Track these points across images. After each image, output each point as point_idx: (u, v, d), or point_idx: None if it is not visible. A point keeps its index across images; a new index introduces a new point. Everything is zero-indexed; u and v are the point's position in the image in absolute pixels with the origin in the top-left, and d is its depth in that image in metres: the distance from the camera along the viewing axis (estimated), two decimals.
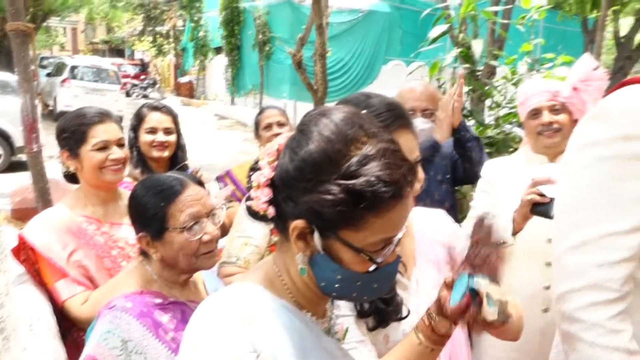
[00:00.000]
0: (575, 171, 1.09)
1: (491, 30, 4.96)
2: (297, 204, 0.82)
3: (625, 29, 15.99)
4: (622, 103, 1.05)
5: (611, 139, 1.02)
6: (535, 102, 1.90)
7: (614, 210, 1.01)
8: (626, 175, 1.00)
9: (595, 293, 1.02)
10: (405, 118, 1.15)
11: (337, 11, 12.87)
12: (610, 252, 1.01)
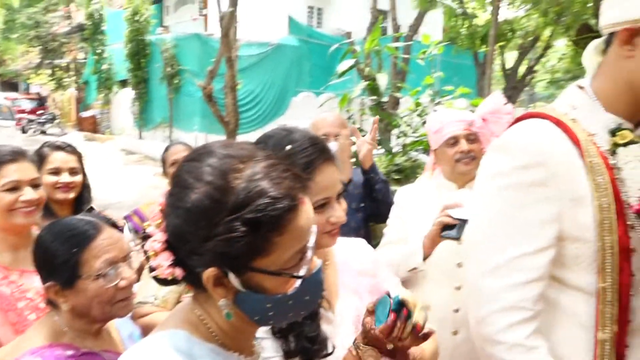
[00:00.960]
0: (484, 201, 1.17)
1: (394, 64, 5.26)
2: (201, 254, 0.79)
3: (510, 62, 17.55)
4: (519, 136, 1.15)
5: (512, 169, 1.11)
6: (452, 130, 2.01)
7: (520, 234, 1.09)
8: (528, 201, 1.09)
9: (512, 314, 1.08)
10: (329, 152, 1.18)
11: (246, 44, 12.98)
12: (521, 273, 1.08)
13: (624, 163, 1.08)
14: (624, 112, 1.11)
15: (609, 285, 1.05)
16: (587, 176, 1.07)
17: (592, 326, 1.07)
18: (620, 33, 1.06)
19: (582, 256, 1.09)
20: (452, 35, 15.32)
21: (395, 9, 9.06)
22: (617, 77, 1.10)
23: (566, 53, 18.03)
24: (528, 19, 14.57)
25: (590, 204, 1.06)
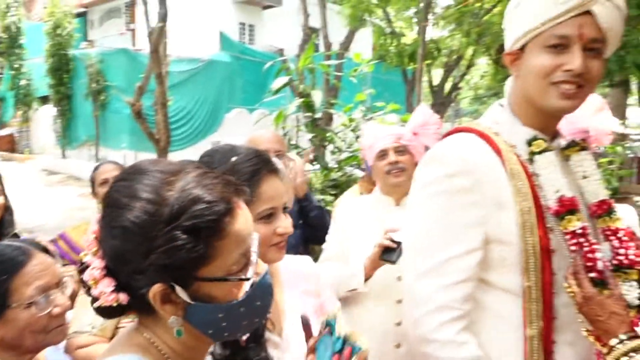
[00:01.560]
0: (417, 208, 1.24)
1: (326, 81, 5.34)
2: (144, 272, 0.78)
3: (437, 79, 18.33)
4: (447, 148, 1.24)
5: (441, 177, 1.19)
6: (381, 144, 2.07)
7: (449, 238, 1.16)
8: (456, 207, 1.17)
9: (443, 314, 1.14)
10: (274, 165, 1.19)
11: (177, 60, 12.75)
12: (450, 275, 1.15)
13: (541, 169, 1.18)
14: (538, 125, 1.23)
15: (533, 283, 1.13)
16: (509, 183, 1.16)
17: (520, 324, 1.15)
18: (505, 60, 1.23)
19: (508, 258, 1.16)
20: (381, 53, 15.80)
21: (327, 27, 9.24)
22: (518, 93, 1.24)
23: (487, 71, 19.11)
24: (452, 38, 15.31)
25: (513, 208, 1.15)
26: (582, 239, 1.11)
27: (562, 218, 1.14)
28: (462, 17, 12.72)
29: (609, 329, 1.05)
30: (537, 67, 1.16)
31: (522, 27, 1.16)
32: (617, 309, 1.06)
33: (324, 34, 9.24)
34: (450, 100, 18.42)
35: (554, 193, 1.15)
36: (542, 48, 1.14)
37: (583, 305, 1.08)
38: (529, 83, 1.18)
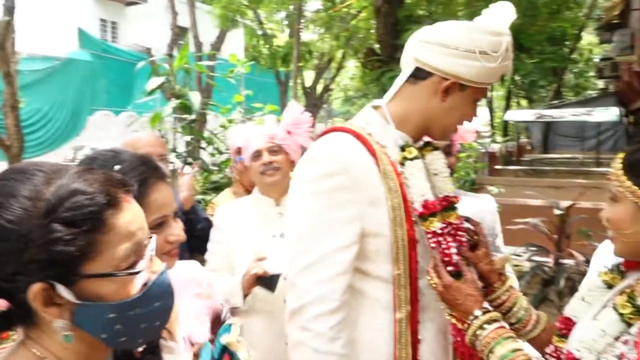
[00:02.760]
0: (297, 205, 1.28)
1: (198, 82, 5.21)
2: (24, 272, 0.72)
3: (309, 81, 18.82)
4: (325, 148, 1.30)
5: (320, 176, 1.24)
6: (256, 145, 2.06)
7: (328, 233, 1.22)
8: (334, 204, 1.23)
9: (321, 305, 1.20)
10: (162, 171, 1.13)
11: (28, 58, 11.57)
12: (329, 268, 1.21)
13: (410, 174, 1.28)
14: (410, 132, 1.32)
15: (402, 271, 1.25)
16: (382, 181, 1.24)
17: (391, 308, 1.25)
18: (443, 81, 1.26)
19: (381, 249, 1.26)
20: (254, 54, 15.82)
21: (196, 26, 9.02)
22: (419, 107, 1.30)
23: (356, 73, 20.02)
24: (322, 41, 15.81)
25: (385, 205, 1.24)
26: (441, 238, 1.25)
27: (425, 219, 1.26)
28: (331, 21, 13.21)
29: (467, 309, 1.18)
30: (465, 113, 1.32)
31: (473, 75, 1.25)
32: (471, 291, 1.20)
33: (194, 34, 9.00)
34: (322, 101, 19.02)
35: (420, 196, 1.26)
36: (474, 101, 1.31)
37: (444, 293, 1.22)
38: (448, 116, 1.30)
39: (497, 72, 1.26)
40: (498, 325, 1.15)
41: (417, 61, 1.28)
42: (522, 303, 1.29)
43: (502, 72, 1.27)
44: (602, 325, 1.04)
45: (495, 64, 1.23)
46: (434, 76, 1.27)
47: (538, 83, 22.85)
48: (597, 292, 1.16)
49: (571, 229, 3.73)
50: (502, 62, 1.24)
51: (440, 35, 1.25)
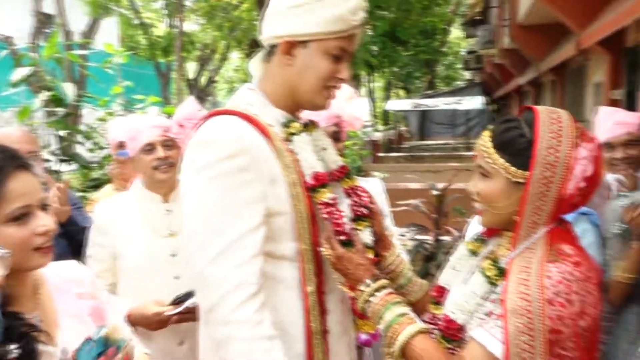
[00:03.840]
0: (195, 195, 1.24)
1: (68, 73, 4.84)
2: None
3: (192, 72, 18.26)
4: (218, 131, 1.27)
5: (218, 160, 1.22)
6: (147, 137, 1.93)
7: (236, 216, 1.21)
8: (236, 186, 1.22)
9: (240, 292, 1.18)
10: (23, 159, 1.06)
11: None
12: (242, 252, 1.20)
13: (300, 149, 1.31)
14: (287, 108, 1.33)
15: (307, 246, 1.28)
16: (277, 159, 1.25)
17: (300, 285, 1.28)
18: (282, 45, 1.28)
19: (284, 227, 1.26)
20: (131, 45, 14.98)
21: (64, 14, 8.34)
22: (280, 81, 1.31)
23: (240, 65, 19.79)
24: (205, 32, 15.40)
25: (283, 182, 1.25)
26: (332, 208, 1.27)
27: (316, 191, 1.29)
28: (212, 11, 12.91)
29: (358, 277, 1.23)
30: (321, 70, 1.28)
31: (309, 26, 1.25)
32: (362, 260, 1.24)
33: (62, 22, 8.32)
34: (206, 93, 18.55)
35: (310, 169, 1.28)
36: (325, 53, 1.26)
37: (336, 263, 1.26)
38: (304, 78, 1.29)
39: (335, 18, 1.24)
40: (387, 292, 1.21)
41: (264, 41, 1.33)
42: (407, 270, 1.39)
43: (344, 17, 1.25)
44: (472, 287, 1.13)
45: (329, 9, 1.23)
46: (277, 46, 1.29)
47: (414, 74, 24.23)
48: (465, 260, 1.27)
49: (447, 208, 4.06)
50: (338, 6, 1.23)
51: (272, 5, 1.31)
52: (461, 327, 1.12)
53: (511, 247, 1.12)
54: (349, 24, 1.26)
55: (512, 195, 1.10)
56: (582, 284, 1.02)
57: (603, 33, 5.78)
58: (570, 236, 1.12)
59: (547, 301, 0.99)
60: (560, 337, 0.99)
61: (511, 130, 1.12)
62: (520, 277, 1.04)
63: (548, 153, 1.06)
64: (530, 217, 1.08)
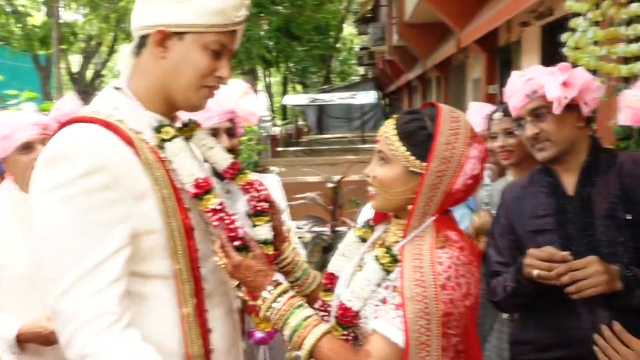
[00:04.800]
0: (46, 218, 1.09)
1: None
2: None
3: (77, 66, 17.06)
4: (73, 144, 1.11)
5: (72, 178, 1.07)
6: (26, 135, 1.77)
7: (94, 241, 1.07)
8: (95, 207, 1.07)
9: (100, 321, 1.05)
10: None
11: None
12: (100, 279, 1.06)
13: (174, 156, 1.17)
14: (161, 110, 1.20)
15: (183, 265, 1.15)
16: (146, 172, 1.12)
17: (176, 305, 1.16)
18: (154, 35, 1.14)
19: (157, 246, 1.14)
20: (4, 34, 13.63)
21: None
22: (153, 77, 1.18)
23: None
24: (90, 23, 14.41)
25: (153, 197, 1.12)
26: (222, 213, 1.19)
27: (200, 199, 1.18)
28: (97, 1, 12.12)
29: (258, 285, 1.18)
30: (198, 65, 1.17)
31: (186, 16, 1.14)
32: (261, 266, 1.19)
33: None
34: (93, 88, 17.41)
35: (190, 177, 1.18)
36: (203, 48, 1.16)
37: (234, 272, 1.19)
38: (179, 74, 1.17)
39: (216, 11, 1.14)
40: (289, 296, 1.17)
41: (135, 31, 1.20)
42: (302, 262, 1.40)
43: (225, 10, 1.16)
44: (367, 275, 1.16)
45: (209, 1, 1.14)
46: (148, 37, 1.16)
47: (309, 69, 24.60)
48: (354, 246, 1.30)
49: (343, 199, 4.20)
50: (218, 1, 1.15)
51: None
52: (356, 313, 1.15)
53: (401, 234, 1.17)
54: (230, 19, 1.17)
55: (407, 183, 1.15)
56: (467, 267, 1.10)
57: (478, 33, 6.28)
58: (453, 223, 1.21)
59: (440, 286, 1.06)
60: (451, 318, 1.07)
61: (415, 121, 1.17)
62: (414, 265, 1.09)
63: (446, 148, 1.12)
64: (423, 207, 1.14)
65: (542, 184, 1.58)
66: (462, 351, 1.14)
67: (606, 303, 1.38)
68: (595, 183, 1.49)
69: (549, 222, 1.51)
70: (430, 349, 1.05)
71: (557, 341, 1.48)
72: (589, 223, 1.46)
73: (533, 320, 1.56)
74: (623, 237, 1.42)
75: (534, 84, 1.52)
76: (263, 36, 14.14)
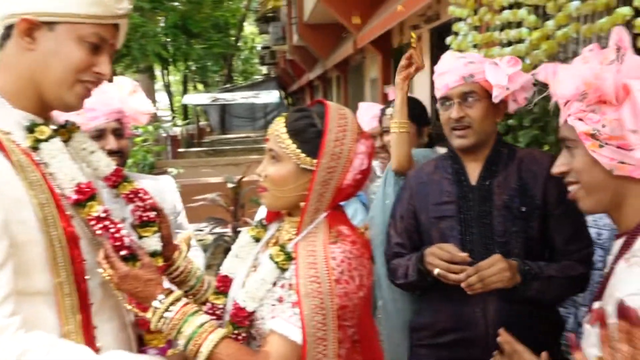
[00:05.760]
0: None
1: None
2: None
3: None
4: None
5: None
6: None
7: None
8: None
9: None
10: None
11: None
12: None
13: (50, 158, 1.08)
14: (32, 108, 1.10)
15: (64, 278, 1.06)
16: (19, 176, 1.02)
17: (57, 324, 1.06)
18: (19, 24, 1.04)
19: (34, 258, 1.04)
20: None
21: None
22: (19, 71, 1.08)
23: None
24: None
25: (30, 203, 1.02)
26: (107, 221, 1.11)
27: (83, 206, 1.10)
28: None
29: (149, 295, 1.11)
30: (72, 59, 1.07)
31: (56, 4, 1.05)
32: (150, 275, 1.12)
33: None
34: None
35: (70, 182, 1.09)
36: (79, 40, 1.07)
37: (121, 283, 1.11)
38: (50, 68, 1.07)
39: (93, 0, 1.06)
40: (183, 304, 1.12)
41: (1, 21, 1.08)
42: (196, 270, 1.35)
43: (104, 1, 1.07)
44: (262, 275, 1.15)
45: None
46: (13, 27, 1.05)
47: (210, 68, 24.10)
48: (248, 247, 1.29)
49: (244, 199, 4.17)
50: None
51: None
52: (250, 314, 1.14)
53: (294, 232, 1.18)
54: (110, 11, 1.09)
55: (298, 180, 1.15)
56: (359, 259, 1.13)
57: (373, 35, 6.52)
58: (345, 217, 1.23)
59: (335, 281, 1.07)
60: (346, 311, 1.09)
61: (304, 119, 1.17)
62: (309, 262, 1.09)
63: (335, 145, 1.14)
64: (315, 204, 1.15)
65: (447, 170, 1.63)
66: (358, 341, 1.17)
67: (497, 290, 1.45)
68: (497, 175, 1.56)
69: (450, 209, 1.58)
70: (327, 342, 1.07)
71: (452, 325, 1.55)
72: (487, 212, 1.54)
73: (429, 306, 1.64)
74: (516, 228, 1.51)
75: (473, 67, 1.55)
76: (159, 33, 13.61)
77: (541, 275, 1.45)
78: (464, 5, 3.06)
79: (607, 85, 0.93)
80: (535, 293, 1.46)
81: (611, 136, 0.94)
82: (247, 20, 25.64)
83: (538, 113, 2.65)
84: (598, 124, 0.95)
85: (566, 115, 1.01)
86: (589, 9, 2.17)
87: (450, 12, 3.17)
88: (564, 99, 1.01)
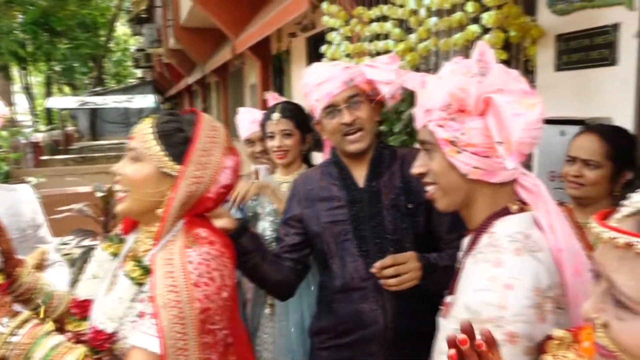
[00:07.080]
0: None
1: None
2: None
3: None
4: None
5: None
6: None
7: None
8: None
9: None
10: None
11: None
12: None
13: None
14: None
15: None
16: None
17: None
18: None
19: None
20: None
21: None
22: None
23: None
24: None
25: None
26: None
27: None
28: None
29: None
30: None
31: None
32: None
33: None
34: None
35: None
36: None
37: None
38: None
39: None
40: (32, 325, 1.05)
41: None
42: (46, 285, 1.26)
43: None
44: (119, 293, 1.10)
45: None
46: None
47: (78, 69, 22.41)
48: (107, 264, 1.22)
49: (115, 209, 3.91)
50: None
51: None
52: (110, 335, 1.08)
53: (151, 242, 1.13)
54: None
55: (158, 185, 1.11)
56: (219, 259, 1.09)
57: (251, 41, 6.51)
58: (205, 221, 1.19)
59: (193, 285, 1.03)
60: (209, 313, 1.05)
61: (173, 122, 1.14)
62: (166, 271, 1.05)
63: (202, 154, 1.11)
64: (176, 212, 1.11)
65: (334, 176, 1.65)
66: (231, 344, 1.14)
67: None
68: (382, 176, 1.60)
69: (343, 213, 1.60)
70: (189, 352, 1.03)
71: (353, 325, 1.57)
72: (377, 212, 1.57)
73: (328, 310, 1.65)
74: (406, 224, 1.56)
75: (351, 72, 1.56)
76: (15, 29, 12.37)
77: (438, 267, 1.49)
78: (336, 16, 3.19)
79: (470, 97, 0.99)
80: (433, 284, 1.47)
81: (468, 143, 1.00)
82: (120, 20, 24.26)
83: (407, 120, 2.83)
84: (458, 131, 1.01)
85: (426, 120, 1.07)
86: (445, 25, 2.37)
87: (324, 22, 3.28)
88: (432, 109, 1.06)
